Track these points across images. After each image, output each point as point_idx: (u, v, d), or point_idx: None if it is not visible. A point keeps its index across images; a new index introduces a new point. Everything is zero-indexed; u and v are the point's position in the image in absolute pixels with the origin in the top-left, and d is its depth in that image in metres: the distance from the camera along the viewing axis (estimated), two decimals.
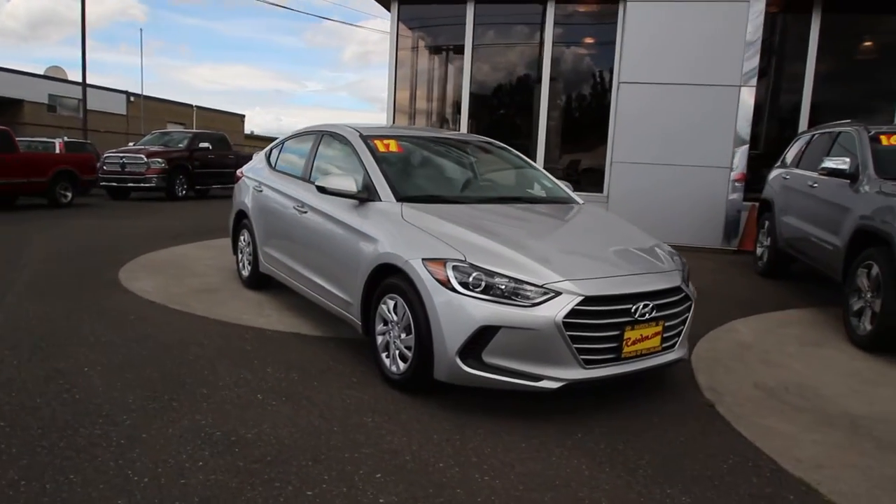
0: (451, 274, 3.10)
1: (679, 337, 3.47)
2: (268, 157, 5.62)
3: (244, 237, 5.68)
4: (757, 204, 9.11)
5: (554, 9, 10.11)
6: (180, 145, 15.66)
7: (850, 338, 4.80)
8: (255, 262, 5.43)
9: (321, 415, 3.09)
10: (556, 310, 2.98)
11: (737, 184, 9.16)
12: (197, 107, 35.41)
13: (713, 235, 9.23)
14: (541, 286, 3.03)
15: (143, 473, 2.46)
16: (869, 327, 4.61)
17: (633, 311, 3.15)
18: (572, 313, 2.99)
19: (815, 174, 6.14)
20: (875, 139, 5.51)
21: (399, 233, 3.53)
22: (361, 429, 2.95)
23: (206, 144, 15.79)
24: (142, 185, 14.35)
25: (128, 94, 31.63)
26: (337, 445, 2.77)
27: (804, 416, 3.41)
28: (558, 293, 3.02)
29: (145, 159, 14.34)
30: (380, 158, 4.11)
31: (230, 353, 3.95)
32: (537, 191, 4.50)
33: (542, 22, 10.18)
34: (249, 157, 17.21)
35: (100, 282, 5.75)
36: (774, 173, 7.65)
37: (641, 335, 3.21)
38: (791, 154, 7.43)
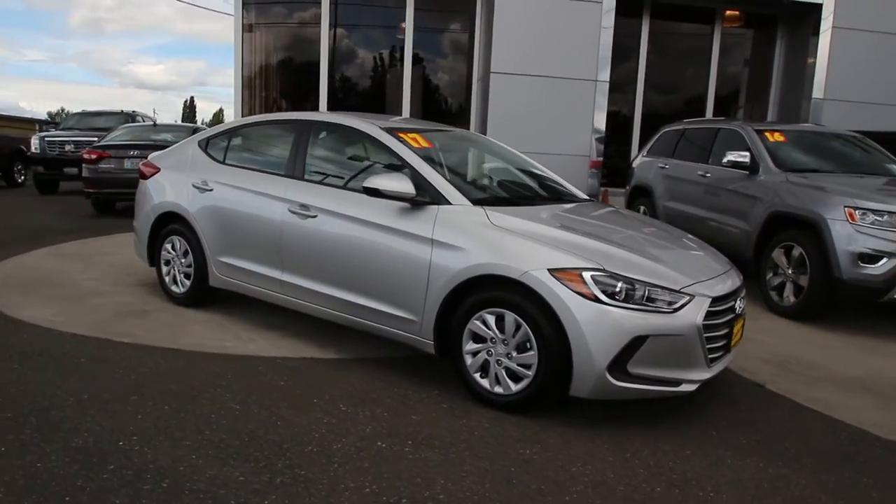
0: (592, 284, 2.92)
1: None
2: (205, 149, 4.66)
3: (174, 245, 4.67)
4: (608, 189, 10.12)
5: None
6: None
7: (773, 309, 5.57)
8: (201, 275, 4.51)
9: (475, 455, 2.71)
10: (696, 313, 2.99)
11: (592, 170, 9.99)
12: None
13: None
14: (678, 290, 3.01)
15: None
16: (793, 299, 5.40)
17: (735, 307, 3.29)
18: (706, 315, 3.03)
19: (706, 165, 6.95)
20: (761, 135, 6.41)
21: (495, 240, 3.20)
22: (535, 465, 2.66)
23: None
24: None
25: None
26: (545, 490, 2.46)
27: (827, 384, 3.89)
28: (692, 296, 3.02)
29: None
30: (423, 156, 3.68)
31: (271, 393, 3.25)
32: (558, 187, 4.40)
33: (402, 6, 9.91)
34: (20, 140, 14.21)
35: None
36: (643, 162, 8.48)
37: (737, 329, 3.37)
38: (658, 146, 8.29)
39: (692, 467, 2.72)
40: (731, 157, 6.27)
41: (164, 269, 4.80)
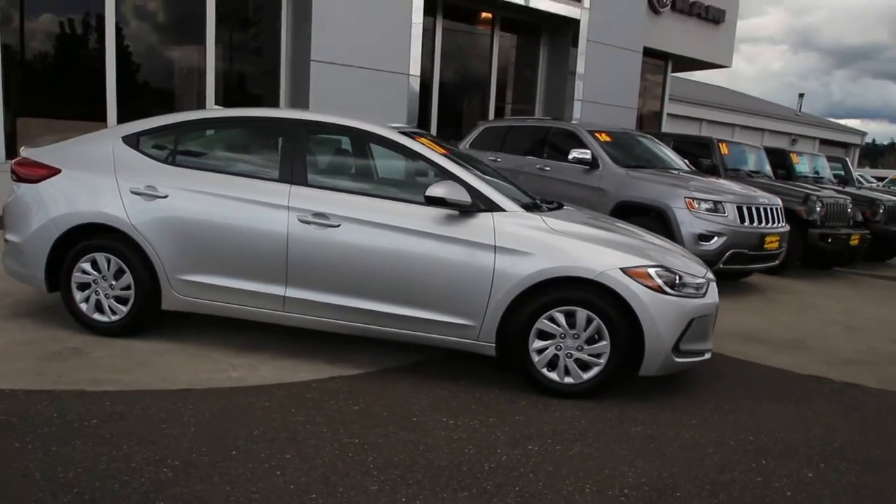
0: (657, 278, 3.39)
1: None
2: (137, 147, 3.85)
3: (98, 265, 3.79)
4: None
5: None
6: None
7: None
8: (148, 298, 3.77)
9: (613, 441, 2.99)
10: (714, 295, 3.68)
11: None
12: None
13: None
14: (702, 277, 3.65)
15: None
16: None
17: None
18: None
19: (543, 160, 7.88)
20: (593, 135, 7.55)
21: (561, 245, 3.45)
22: (659, 439, 3.05)
23: None
24: None
25: None
26: (696, 455, 2.88)
27: (730, 339, 4.93)
28: (709, 281, 3.70)
29: None
30: (455, 162, 3.68)
31: (363, 419, 3.03)
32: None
33: None
34: None
35: None
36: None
37: None
38: (480, 140, 9.00)
39: (746, 417, 3.41)
40: (576, 153, 7.25)
41: (79, 294, 3.87)
